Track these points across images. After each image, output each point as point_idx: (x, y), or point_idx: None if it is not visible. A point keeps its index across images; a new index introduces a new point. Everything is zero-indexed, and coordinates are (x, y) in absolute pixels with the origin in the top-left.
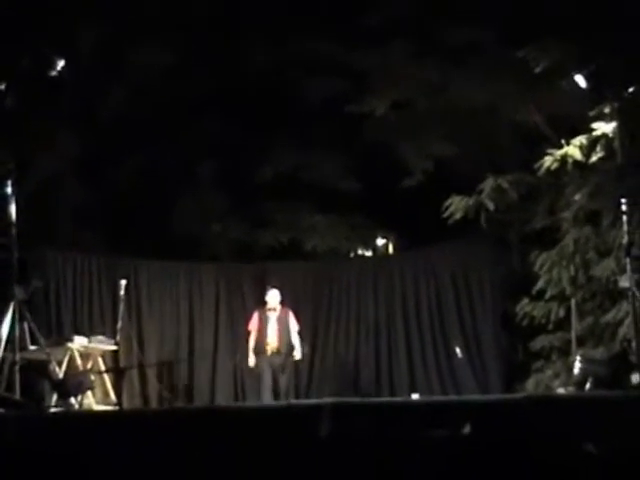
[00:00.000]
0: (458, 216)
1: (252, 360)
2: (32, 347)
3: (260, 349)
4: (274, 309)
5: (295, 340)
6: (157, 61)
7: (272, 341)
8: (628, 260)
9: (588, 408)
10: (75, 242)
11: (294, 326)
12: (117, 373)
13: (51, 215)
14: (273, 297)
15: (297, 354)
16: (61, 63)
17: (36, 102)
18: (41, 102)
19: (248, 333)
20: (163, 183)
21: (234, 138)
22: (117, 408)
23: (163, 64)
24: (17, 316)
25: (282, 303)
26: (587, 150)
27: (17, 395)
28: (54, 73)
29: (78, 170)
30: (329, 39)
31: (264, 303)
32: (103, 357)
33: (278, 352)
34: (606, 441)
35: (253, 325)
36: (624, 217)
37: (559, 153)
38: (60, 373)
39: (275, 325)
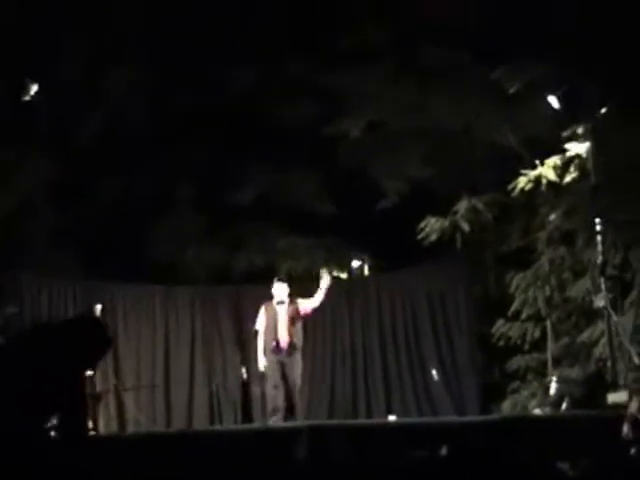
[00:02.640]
0: (433, 237)
1: (262, 363)
2: None
3: (269, 347)
4: (282, 302)
5: (318, 298)
6: (133, 85)
7: (283, 337)
8: (602, 280)
9: (564, 428)
10: (51, 266)
11: (309, 302)
12: (93, 398)
13: (26, 239)
14: (281, 290)
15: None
16: (34, 88)
17: (9, 126)
18: (14, 126)
19: (255, 333)
20: (139, 206)
21: (209, 161)
22: (93, 433)
23: (139, 88)
24: None
25: (290, 296)
26: (561, 170)
27: None
28: (27, 98)
29: (53, 194)
30: (305, 61)
31: (271, 298)
32: None
33: (290, 349)
34: (582, 460)
35: (261, 323)
36: (598, 237)
37: (533, 174)
38: None
39: (285, 319)
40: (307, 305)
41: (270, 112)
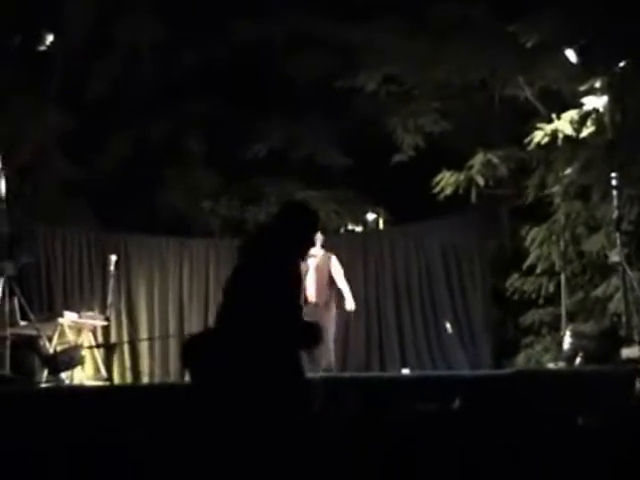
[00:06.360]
0: (449, 191)
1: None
2: (22, 322)
3: None
4: (314, 255)
5: (343, 287)
6: (146, 37)
7: (310, 292)
8: (618, 235)
9: (578, 383)
10: (65, 217)
11: (338, 271)
12: (108, 348)
13: (41, 190)
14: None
15: (348, 304)
16: (50, 38)
17: (24, 76)
18: (29, 77)
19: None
20: (154, 159)
21: (224, 115)
22: (108, 383)
23: (152, 41)
24: (7, 292)
25: (324, 247)
26: (578, 125)
27: (7, 371)
28: (43, 48)
29: (68, 145)
30: (320, 14)
31: None
32: (94, 332)
33: (316, 305)
34: (596, 414)
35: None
36: (614, 192)
37: (549, 128)
38: (50, 348)
39: (314, 273)
40: (334, 274)
41: (285, 65)
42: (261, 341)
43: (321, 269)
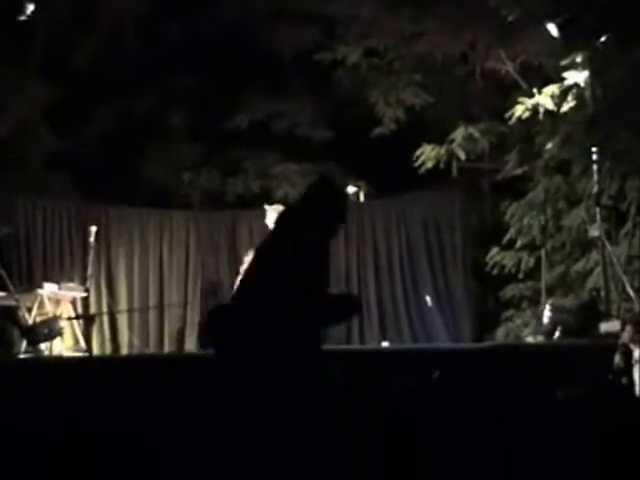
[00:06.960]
0: (429, 165)
1: None
2: (1, 293)
3: None
4: None
5: None
6: (129, 10)
7: None
8: (598, 209)
9: (557, 357)
10: (46, 189)
11: None
12: (87, 320)
13: (22, 161)
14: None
15: None
16: (30, 7)
17: (5, 47)
18: (11, 48)
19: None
20: (135, 131)
21: (205, 88)
22: (87, 355)
23: (135, 14)
24: None
25: None
26: (559, 99)
27: None
28: (23, 18)
29: (50, 117)
30: None
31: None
32: (73, 304)
33: None
34: (574, 388)
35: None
36: (594, 166)
37: (530, 102)
38: (30, 320)
39: None
40: None
41: (266, 38)
42: (280, 316)
43: None
